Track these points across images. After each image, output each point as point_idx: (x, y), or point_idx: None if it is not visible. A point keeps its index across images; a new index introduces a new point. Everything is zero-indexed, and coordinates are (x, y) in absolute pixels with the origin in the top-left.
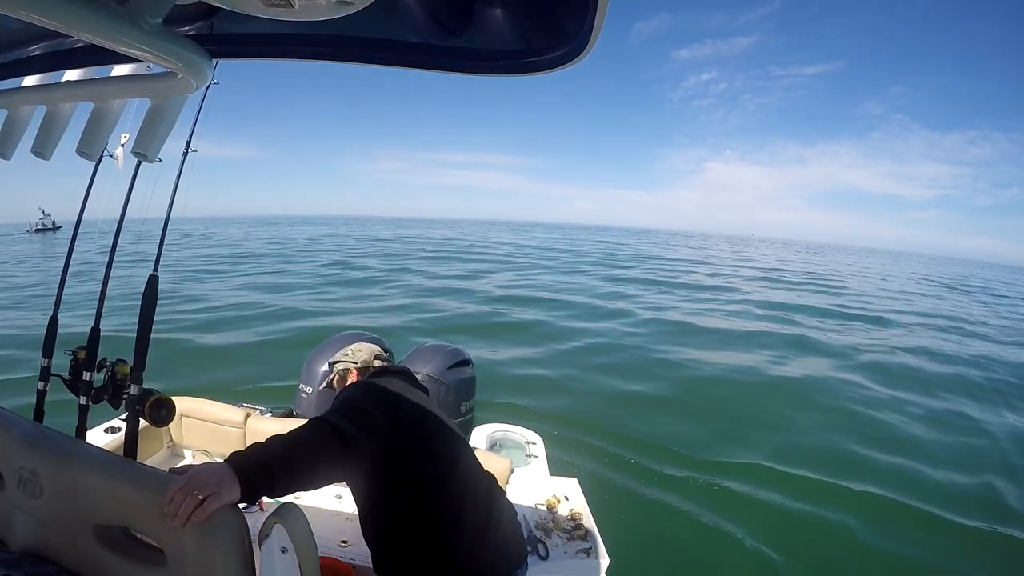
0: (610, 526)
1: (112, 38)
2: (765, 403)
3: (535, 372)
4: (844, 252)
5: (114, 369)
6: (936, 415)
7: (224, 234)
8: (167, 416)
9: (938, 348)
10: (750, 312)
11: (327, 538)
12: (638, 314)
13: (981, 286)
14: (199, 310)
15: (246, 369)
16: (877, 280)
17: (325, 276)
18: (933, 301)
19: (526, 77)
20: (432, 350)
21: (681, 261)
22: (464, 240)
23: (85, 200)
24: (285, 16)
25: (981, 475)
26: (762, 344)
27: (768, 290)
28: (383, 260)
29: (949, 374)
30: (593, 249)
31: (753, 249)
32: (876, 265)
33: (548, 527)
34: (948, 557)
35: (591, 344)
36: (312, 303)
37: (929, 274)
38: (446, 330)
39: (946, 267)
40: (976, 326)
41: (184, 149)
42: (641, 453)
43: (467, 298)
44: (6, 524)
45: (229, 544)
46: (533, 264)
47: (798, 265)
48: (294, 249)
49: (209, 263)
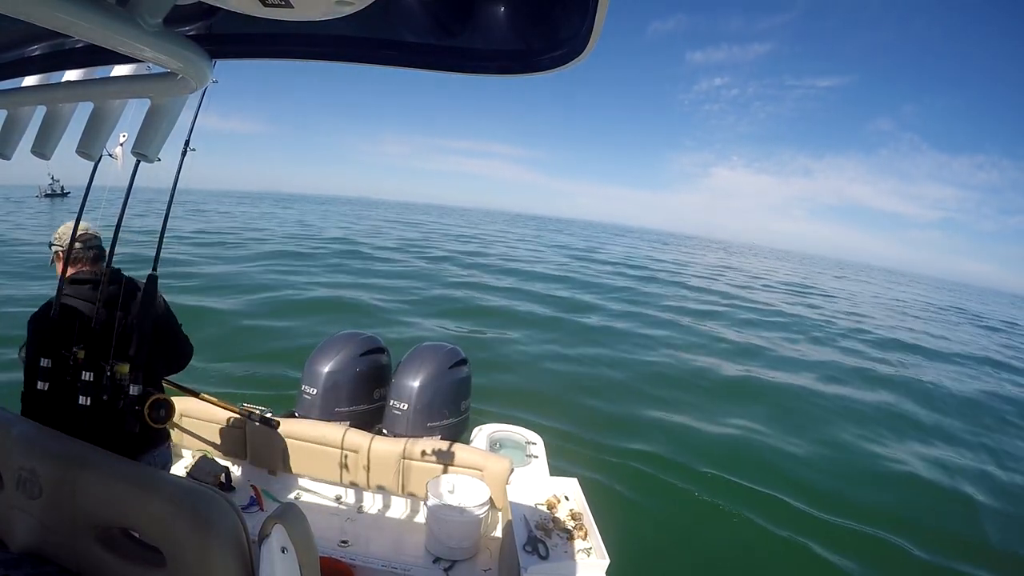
0: (610, 526)
1: (112, 38)
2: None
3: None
4: (852, 268)
5: (114, 369)
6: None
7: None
8: (167, 416)
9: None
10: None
11: (327, 538)
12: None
13: (1010, 321)
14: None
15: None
16: (899, 311)
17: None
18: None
19: (526, 77)
20: (432, 349)
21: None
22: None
23: (85, 200)
24: (284, 16)
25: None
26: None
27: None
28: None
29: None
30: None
31: (760, 261)
32: (884, 284)
33: (548, 527)
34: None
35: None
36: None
37: (941, 301)
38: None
39: (958, 295)
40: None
41: (183, 148)
42: (641, 453)
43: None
44: (6, 525)
45: (228, 544)
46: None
47: (827, 282)
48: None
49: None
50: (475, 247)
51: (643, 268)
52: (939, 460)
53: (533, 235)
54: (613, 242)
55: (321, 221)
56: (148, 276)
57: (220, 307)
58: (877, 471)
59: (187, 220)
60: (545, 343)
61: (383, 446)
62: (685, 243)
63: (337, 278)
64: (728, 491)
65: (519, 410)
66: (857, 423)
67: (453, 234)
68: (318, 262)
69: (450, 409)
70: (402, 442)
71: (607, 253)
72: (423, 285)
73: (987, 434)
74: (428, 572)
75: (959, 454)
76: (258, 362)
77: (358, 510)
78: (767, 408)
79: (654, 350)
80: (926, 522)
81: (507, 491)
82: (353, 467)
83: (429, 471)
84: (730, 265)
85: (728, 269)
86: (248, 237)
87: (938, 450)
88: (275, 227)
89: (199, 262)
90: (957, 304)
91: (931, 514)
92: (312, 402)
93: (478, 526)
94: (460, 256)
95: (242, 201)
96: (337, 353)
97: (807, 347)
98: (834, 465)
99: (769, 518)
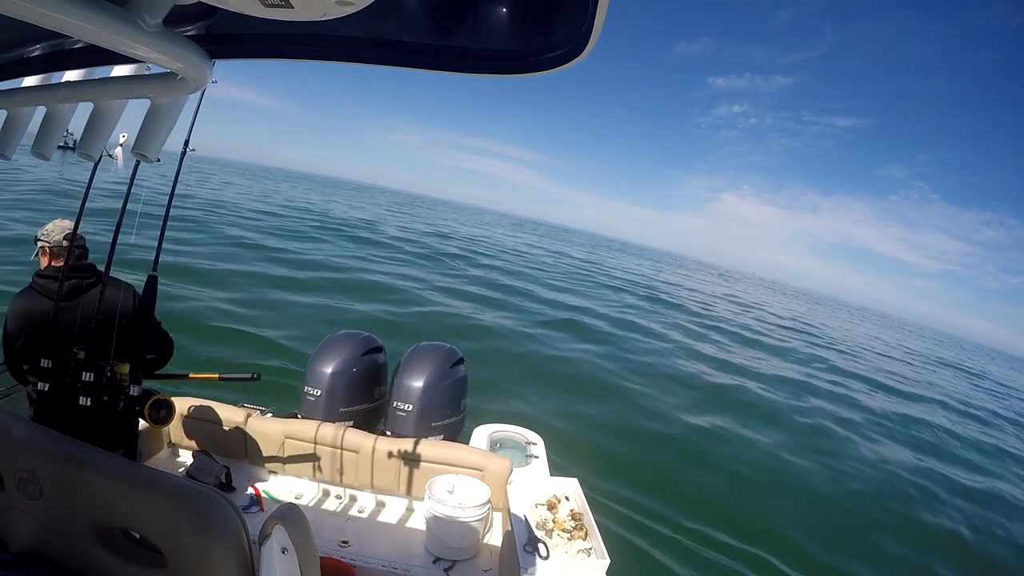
0: (610, 526)
1: (112, 38)
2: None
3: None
4: (849, 311)
5: (113, 369)
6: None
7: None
8: (167, 416)
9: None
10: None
11: (327, 538)
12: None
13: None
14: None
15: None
16: (920, 364)
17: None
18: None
19: (526, 77)
20: (432, 350)
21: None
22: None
23: (84, 200)
24: (284, 16)
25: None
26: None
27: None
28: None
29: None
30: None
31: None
32: (887, 335)
33: (548, 527)
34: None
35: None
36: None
37: (944, 355)
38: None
39: (959, 351)
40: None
41: (183, 148)
42: (642, 454)
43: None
44: (6, 525)
45: (229, 545)
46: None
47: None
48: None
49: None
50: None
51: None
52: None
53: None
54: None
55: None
56: (148, 276)
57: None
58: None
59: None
60: (557, 346)
61: (383, 446)
62: (693, 266)
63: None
64: (729, 491)
65: (519, 410)
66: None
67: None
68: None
69: (452, 408)
70: (402, 442)
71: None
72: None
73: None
74: (428, 572)
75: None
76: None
77: (358, 510)
78: (772, 410)
79: (659, 354)
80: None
81: (507, 491)
82: (353, 467)
83: (429, 471)
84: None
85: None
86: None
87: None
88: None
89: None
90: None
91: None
92: (316, 403)
93: (478, 526)
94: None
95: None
96: (340, 353)
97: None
98: (835, 469)
99: (769, 517)
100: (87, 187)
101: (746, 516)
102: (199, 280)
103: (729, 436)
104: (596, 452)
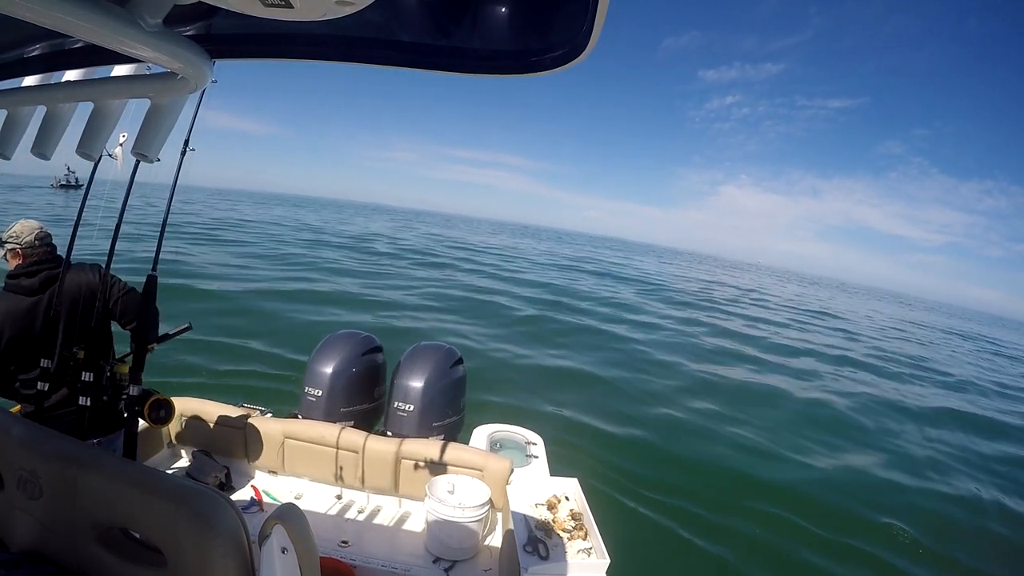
0: (610, 526)
1: (112, 38)
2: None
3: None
4: (867, 294)
5: (113, 369)
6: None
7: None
8: (167, 416)
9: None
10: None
11: (327, 538)
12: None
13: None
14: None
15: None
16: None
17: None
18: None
19: (526, 77)
20: (432, 350)
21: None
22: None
23: (84, 200)
24: (284, 16)
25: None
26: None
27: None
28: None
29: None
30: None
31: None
32: (906, 314)
33: (548, 527)
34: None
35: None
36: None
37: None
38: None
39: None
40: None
41: (182, 148)
42: (641, 454)
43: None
44: (6, 525)
45: (229, 545)
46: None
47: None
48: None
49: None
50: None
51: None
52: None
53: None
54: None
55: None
56: (148, 276)
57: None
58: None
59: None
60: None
61: (383, 446)
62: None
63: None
64: (728, 491)
65: (519, 410)
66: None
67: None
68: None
69: (452, 408)
70: (402, 442)
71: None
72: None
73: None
74: (428, 572)
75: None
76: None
77: (358, 510)
78: (773, 410)
79: (659, 354)
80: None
81: (507, 491)
82: (353, 467)
83: (429, 471)
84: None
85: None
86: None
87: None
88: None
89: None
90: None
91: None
92: (317, 403)
93: (478, 526)
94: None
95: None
96: (340, 354)
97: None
98: (838, 473)
99: (768, 515)
100: (87, 187)
101: (747, 516)
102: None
103: (730, 437)
104: (596, 452)
